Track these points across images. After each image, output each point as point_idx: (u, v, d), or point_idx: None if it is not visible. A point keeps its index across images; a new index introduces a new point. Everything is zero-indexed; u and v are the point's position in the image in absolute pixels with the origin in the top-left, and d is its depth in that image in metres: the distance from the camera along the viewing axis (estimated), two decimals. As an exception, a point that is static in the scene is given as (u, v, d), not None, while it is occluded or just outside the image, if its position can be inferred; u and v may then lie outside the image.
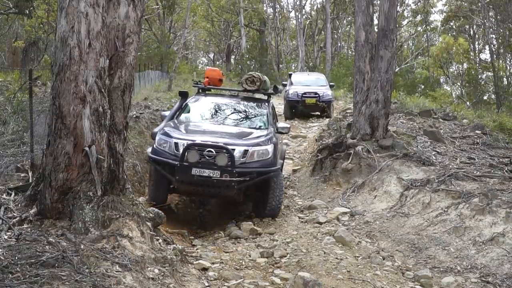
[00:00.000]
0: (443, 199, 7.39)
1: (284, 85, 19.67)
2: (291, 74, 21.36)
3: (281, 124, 9.11)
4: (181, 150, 7.25)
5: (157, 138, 7.68)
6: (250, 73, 9.48)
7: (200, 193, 7.73)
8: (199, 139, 7.44)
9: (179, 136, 7.59)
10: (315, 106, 18.14)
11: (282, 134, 9.13)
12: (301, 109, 18.40)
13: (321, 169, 10.10)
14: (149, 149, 7.81)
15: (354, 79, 11.05)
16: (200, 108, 8.94)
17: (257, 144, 7.62)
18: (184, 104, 8.93)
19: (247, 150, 7.43)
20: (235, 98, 9.55)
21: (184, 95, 9.16)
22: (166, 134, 7.65)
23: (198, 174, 7.14)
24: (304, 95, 18.02)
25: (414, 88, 32.63)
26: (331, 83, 19.65)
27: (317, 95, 17.92)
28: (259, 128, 8.45)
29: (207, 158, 7.21)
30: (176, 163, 7.22)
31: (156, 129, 8.00)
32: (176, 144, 7.41)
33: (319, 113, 18.64)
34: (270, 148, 7.70)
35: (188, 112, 8.78)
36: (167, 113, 8.75)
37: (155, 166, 7.59)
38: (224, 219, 8.11)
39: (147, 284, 4.10)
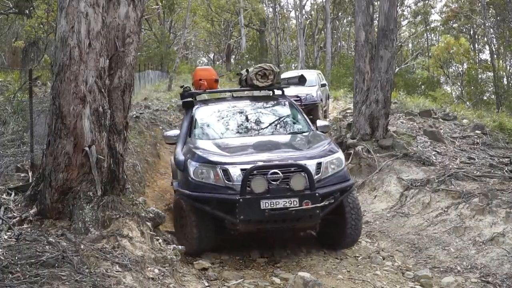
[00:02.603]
0: (443, 199, 7.39)
1: None
2: (279, 72, 20.05)
3: (318, 122, 7.37)
4: (236, 179, 5.51)
5: (190, 167, 5.81)
6: (259, 65, 7.49)
7: (270, 230, 6.04)
8: (251, 159, 5.71)
9: (223, 159, 5.75)
10: None
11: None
12: None
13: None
14: (176, 183, 6.16)
15: (354, 79, 11.06)
16: (214, 118, 7.16)
17: (327, 153, 5.93)
18: (190, 116, 7.15)
19: (320, 163, 5.73)
20: (247, 100, 7.85)
21: (189, 106, 7.32)
22: (204, 160, 5.78)
23: (269, 207, 5.35)
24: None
25: (414, 88, 32.64)
26: (322, 82, 17.06)
27: (298, 98, 14.90)
28: (302, 132, 6.90)
29: (277, 183, 5.45)
30: (236, 197, 5.39)
31: (179, 155, 6.22)
32: (225, 171, 5.58)
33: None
34: (341, 154, 6.14)
35: (203, 126, 7.00)
36: (172, 132, 7.02)
37: (196, 207, 5.73)
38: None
39: (147, 284, 4.10)
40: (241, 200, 5.36)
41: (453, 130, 12.17)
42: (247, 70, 7.61)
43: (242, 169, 5.51)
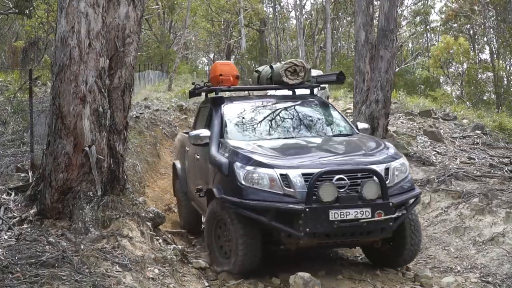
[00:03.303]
0: (443, 199, 7.40)
1: None
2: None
3: (358, 124, 6.60)
4: (297, 185, 4.75)
5: (239, 171, 4.97)
6: (289, 60, 6.73)
7: (332, 245, 5.46)
8: (312, 162, 5.04)
9: (280, 162, 4.99)
10: None
11: None
12: None
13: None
14: (217, 189, 5.20)
15: (354, 79, 11.07)
16: (247, 117, 6.27)
17: (393, 158, 5.23)
18: (220, 115, 6.18)
19: (388, 169, 5.03)
20: (278, 99, 6.89)
21: (218, 103, 6.34)
22: (258, 162, 4.98)
23: (339, 219, 4.65)
24: None
25: (414, 88, 32.67)
26: (322, 85, 14.92)
27: None
28: (347, 134, 6.16)
29: (345, 191, 4.78)
30: (301, 206, 4.64)
31: (218, 157, 5.35)
32: (284, 176, 4.80)
33: None
34: (405, 160, 5.44)
35: (236, 125, 6.13)
36: (201, 132, 5.94)
37: (249, 217, 4.88)
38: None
39: (147, 284, 4.10)
40: (307, 210, 4.60)
41: (453, 130, 12.17)
42: (271, 66, 6.97)
43: (304, 174, 4.77)
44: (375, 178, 4.79)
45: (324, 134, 6.16)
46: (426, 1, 37.79)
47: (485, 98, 31.79)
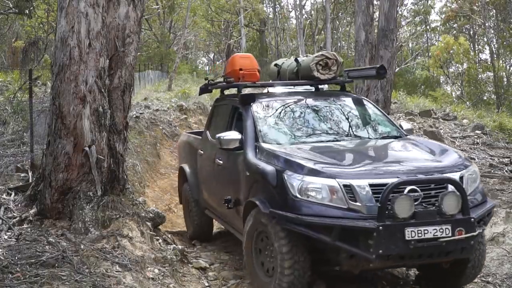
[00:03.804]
0: (443, 199, 7.38)
1: None
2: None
3: (402, 124, 5.83)
4: (364, 197, 4.04)
5: (292, 181, 4.22)
6: (320, 53, 6.04)
7: (401, 266, 4.92)
8: (378, 170, 4.33)
9: (342, 171, 4.25)
10: None
11: None
12: None
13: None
14: (260, 201, 4.46)
15: (354, 79, 11.06)
16: (281, 118, 5.47)
17: (464, 165, 4.54)
18: (252, 115, 5.34)
19: (462, 178, 4.35)
20: (311, 96, 6.00)
21: (248, 101, 5.47)
22: (314, 171, 4.23)
23: (416, 238, 3.95)
24: None
25: (414, 88, 32.66)
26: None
27: None
28: (396, 136, 5.43)
29: (422, 205, 4.09)
30: (373, 224, 3.92)
31: (262, 165, 4.61)
32: (348, 187, 4.07)
33: None
34: (476, 167, 4.80)
35: (272, 127, 5.32)
36: (232, 135, 5.17)
37: (296, 232, 4.20)
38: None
39: (147, 284, 4.10)
40: (380, 228, 3.88)
41: (453, 130, 12.18)
42: (296, 60, 6.23)
43: (371, 185, 4.06)
44: (454, 189, 4.09)
45: (372, 136, 5.41)
46: (426, 1, 37.79)
47: (485, 98, 31.79)
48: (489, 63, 32.70)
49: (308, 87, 6.32)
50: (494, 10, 31.99)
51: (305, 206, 4.14)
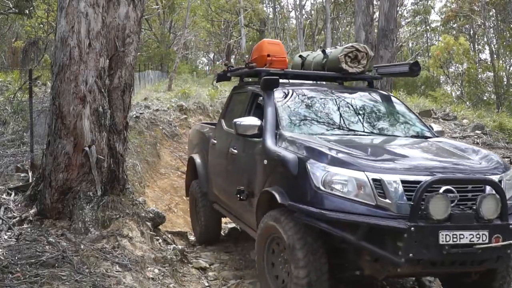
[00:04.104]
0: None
1: None
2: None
3: (433, 126, 5.43)
4: (394, 194, 3.65)
5: (315, 171, 3.83)
6: (351, 44, 5.68)
7: (430, 274, 4.60)
8: (410, 165, 3.90)
9: (371, 164, 3.82)
10: None
11: None
12: None
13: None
14: (278, 192, 4.06)
15: (354, 79, 11.07)
16: (305, 107, 5.12)
17: (503, 168, 4.17)
18: (273, 101, 5.00)
19: (501, 181, 3.94)
20: (337, 89, 5.60)
21: (271, 86, 5.08)
22: (341, 161, 3.83)
23: (451, 243, 3.57)
24: None
25: (414, 88, 32.65)
26: None
27: None
28: (427, 136, 5.05)
29: (458, 207, 3.70)
30: (404, 224, 3.53)
31: (279, 150, 4.28)
32: (378, 182, 3.69)
33: None
34: None
35: (295, 115, 4.98)
36: (249, 121, 4.80)
37: (311, 230, 3.87)
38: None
39: (147, 284, 4.10)
40: (412, 229, 3.49)
41: (453, 130, 12.18)
42: (323, 51, 5.89)
43: (403, 181, 3.67)
44: (493, 192, 3.72)
45: (402, 134, 5.04)
46: (426, 1, 37.80)
47: (485, 98, 31.81)
48: (489, 63, 32.70)
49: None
50: (494, 10, 31.99)
51: (328, 199, 3.74)
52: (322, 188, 3.77)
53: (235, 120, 4.84)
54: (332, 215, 3.67)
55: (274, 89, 5.11)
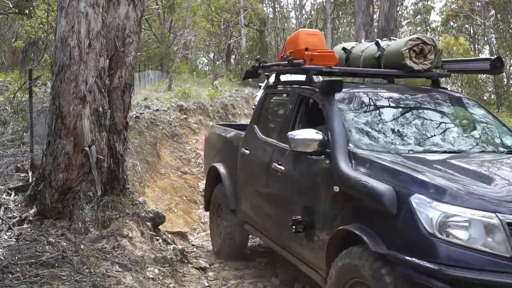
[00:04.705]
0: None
1: (259, 87, 16.25)
2: (269, 74, 15.72)
3: None
4: None
5: (426, 209, 2.88)
6: (416, 36, 4.69)
7: None
8: None
9: (498, 198, 2.89)
10: None
11: None
12: None
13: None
14: (369, 236, 3.12)
15: (354, 79, 11.06)
16: (374, 117, 4.08)
17: None
18: (338, 109, 3.97)
19: None
20: (402, 91, 4.60)
21: (331, 90, 4.05)
22: (460, 197, 2.87)
23: None
24: None
25: (413, 88, 32.54)
26: None
27: None
28: None
29: None
30: None
31: (365, 179, 3.20)
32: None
33: None
34: None
35: (361, 127, 3.95)
36: (308, 134, 3.79)
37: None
38: None
39: (147, 284, 4.10)
40: None
41: (453, 130, 12.17)
42: (377, 43, 4.90)
43: None
44: None
45: (499, 150, 4.02)
46: (426, 2, 37.81)
47: (485, 98, 31.79)
48: (489, 63, 32.63)
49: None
50: (494, 10, 31.99)
51: (446, 250, 2.77)
52: (437, 234, 2.80)
53: (289, 133, 3.86)
54: (458, 274, 2.68)
55: (340, 95, 4.09)
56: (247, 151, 5.10)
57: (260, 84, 18.22)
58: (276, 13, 43.15)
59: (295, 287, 4.96)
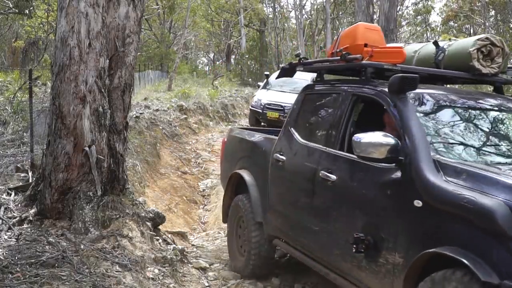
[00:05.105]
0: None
1: (258, 87, 16.26)
2: (268, 74, 16.30)
3: None
4: None
5: None
6: (485, 36, 4.27)
7: None
8: None
9: None
10: (277, 122, 12.82)
11: None
12: (263, 122, 14.04)
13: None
14: (475, 262, 2.55)
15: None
16: (453, 123, 3.63)
17: None
18: (410, 109, 3.49)
19: None
20: (485, 96, 4.17)
21: (408, 87, 3.51)
22: None
23: None
24: (266, 107, 13.73)
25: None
26: None
27: (281, 109, 13.33)
28: None
29: None
30: None
31: (465, 193, 2.72)
32: None
33: None
34: None
35: (440, 132, 3.49)
36: (369, 137, 3.27)
37: None
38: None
39: (147, 284, 4.10)
40: None
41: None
42: (436, 43, 4.46)
43: None
44: None
45: None
46: (426, 2, 37.82)
47: None
48: (489, 63, 32.64)
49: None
50: (494, 10, 32.00)
51: None
52: None
53: (355, 136, 3.32)
54: None
55: (413, 97, 3.59)
56: (283, 157, 4.50)
57: (259, 83, 18.35)
58: (276, 13, 43.13)
59: (295, 287, 4.96)
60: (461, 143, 3.41)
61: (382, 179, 3.31)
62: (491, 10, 31.88)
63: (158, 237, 5.36)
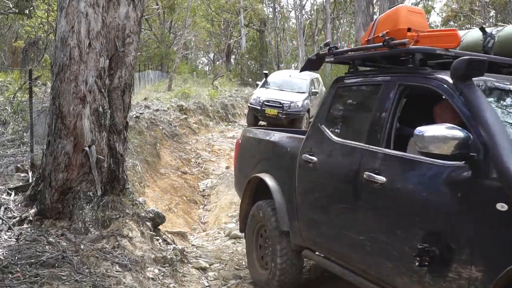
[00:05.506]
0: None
1: (257, 86, 16.60)
2: (267, 73, 16.91)
3: None
4: None
5: None
6: None
7: None
8: None
9: None
10: (276, 119, 13.81)
11: None
12: (262, 119, 14.47)
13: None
14: None
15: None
16: None
17: None
18: (480, 98, 2.95)
19: None
20: None
21: (474, 73, 3.02)
22: None
23: None
24: (265, 103, 14.05)
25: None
26: (314, 90, 14.80)
27: (280, 106, 13.82)
28: None
29: None
30: None
31: None
32: None
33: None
34: None
35: None
36: (434, 130, 2.80)
37: None
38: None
39: (147, 284, 4.10)
40: None
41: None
42: (482, 29, 4.04)
43: None
44: None
45: None
46: (426, 2, 37.84)
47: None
48: (489, 63, 32.63)
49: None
50: (494, 11, 32.01)
51: None
52: None
53: (417, 129, 2.86)
54: None
55: (478, 89, 3.02)
56: (314, 158, 4.01)
57: (257, 82, 18.38)
58: (276, 13, 43.15)
59: (295, 287, 4.95)
60: None
61: (450, 179, 2.85)
62: (491, 10, 31.88)
63: (158, 237, 5.36)
